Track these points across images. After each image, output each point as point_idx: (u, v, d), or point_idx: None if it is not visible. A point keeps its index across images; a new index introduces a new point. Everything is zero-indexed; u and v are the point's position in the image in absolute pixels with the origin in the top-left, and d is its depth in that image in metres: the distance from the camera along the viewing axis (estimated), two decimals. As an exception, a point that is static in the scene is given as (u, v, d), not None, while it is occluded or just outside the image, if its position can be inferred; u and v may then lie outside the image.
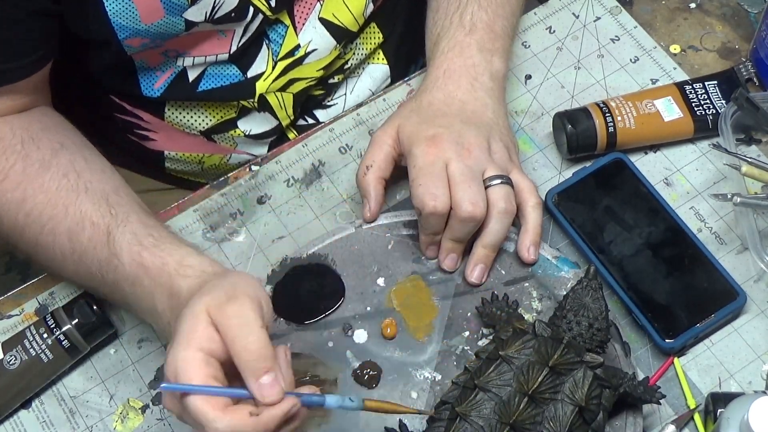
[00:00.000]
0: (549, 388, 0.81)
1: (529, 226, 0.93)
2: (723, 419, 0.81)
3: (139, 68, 1.01)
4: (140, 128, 1.06)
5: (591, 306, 0.85)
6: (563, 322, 0.85)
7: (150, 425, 0.92)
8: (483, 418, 0.81)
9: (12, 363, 0.90)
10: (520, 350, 0.83)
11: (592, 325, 0.85)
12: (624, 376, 0.85)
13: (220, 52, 1.00)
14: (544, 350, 0.82)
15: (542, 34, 1.11)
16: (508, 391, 0.81)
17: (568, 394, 0.81)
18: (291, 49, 1.03)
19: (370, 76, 1.13)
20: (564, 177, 1.01)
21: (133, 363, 0.95)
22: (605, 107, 1.00)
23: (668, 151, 1.03)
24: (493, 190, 0.91)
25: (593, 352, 0.84)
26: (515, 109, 1.06)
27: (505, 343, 0.84)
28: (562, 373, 0.82)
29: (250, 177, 1.03)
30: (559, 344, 0.83)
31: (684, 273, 0.93)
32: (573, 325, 0.85)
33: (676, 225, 0.96)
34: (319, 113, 1.10)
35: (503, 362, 0.82)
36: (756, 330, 0.93)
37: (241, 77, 1.03)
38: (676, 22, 1.11)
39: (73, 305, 0.92)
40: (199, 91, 1.02)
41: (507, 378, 0.82)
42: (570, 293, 0.87)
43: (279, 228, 1.00)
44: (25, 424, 0.92)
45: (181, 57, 1.00)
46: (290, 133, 1.10)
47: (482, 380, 0.82)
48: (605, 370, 0.83)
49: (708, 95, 1.02)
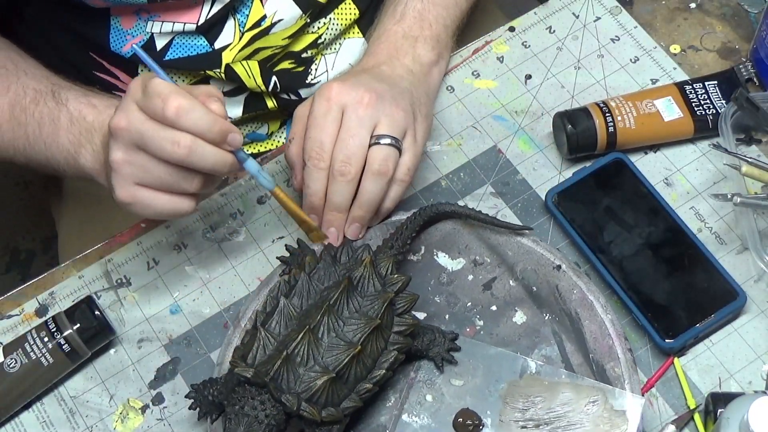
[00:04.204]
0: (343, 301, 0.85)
1: (363, 200, 0.92)
2: (723, 419, 0.81)
3: (113, 26, 1.02)
4: (118, 89, 1.06)
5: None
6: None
7: (150, 425, 0.92)
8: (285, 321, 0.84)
9: (12, 366, 0.90)
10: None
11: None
12: (433, 331, 0.89)
13: (188, 21, 1.00)
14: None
15: (542, 34, 1.11)
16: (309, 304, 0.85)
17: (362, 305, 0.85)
18: (257, 20, 1.03)
19: (348, 51, 1.12)
20: (564, 177, 1.01)
21: (133, 363, 0.95)
22: (605, 107, 1.01)
23: (668, 151, 1.03)
24: (375, 149, 0.90)
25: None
26: (515, 109, 1.06)
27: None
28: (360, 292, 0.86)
29: (250, 177, 1.03)
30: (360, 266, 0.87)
31: (684, 273, 0.93)
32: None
33: (676, 225, 0.96)
34: (304, 92, 1.10)
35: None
36: (756, 330, 0.93)
37: (209, 48, 1.03)
38: (676, 22, 1.11)
39: (75, 310, 0.92)
40: (165, 60, 1.03)
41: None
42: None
43: (279, 228, 1.00)
44: (25, 424, 0.92)
45: (151, 20, 1.00)
46: (270, 101, 1.09)
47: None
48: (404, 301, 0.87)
49: (708, 95, 1.02)
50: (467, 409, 0.88)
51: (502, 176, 1.02)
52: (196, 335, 0.95)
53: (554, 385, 0.88)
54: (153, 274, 0.99)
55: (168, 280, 0.98)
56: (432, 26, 1.02)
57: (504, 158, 1.03)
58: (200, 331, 0.95)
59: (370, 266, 0.86)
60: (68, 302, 0.97)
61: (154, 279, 0.98)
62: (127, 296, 0.98)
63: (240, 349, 0.84)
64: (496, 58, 1.09)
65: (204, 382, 0.86)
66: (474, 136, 1.04)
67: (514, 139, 1.04)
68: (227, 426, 0.81)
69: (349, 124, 0.90)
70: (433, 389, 0.89)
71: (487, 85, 1.08)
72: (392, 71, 0.98)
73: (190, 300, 0.97)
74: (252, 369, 0.81)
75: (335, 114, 0.90)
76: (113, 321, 0.95)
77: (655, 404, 0.90)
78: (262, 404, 0.80)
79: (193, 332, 0.95)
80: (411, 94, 0.96)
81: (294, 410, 0.80)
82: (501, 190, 1.01)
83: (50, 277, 0.99)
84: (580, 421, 0.86)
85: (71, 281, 0.99)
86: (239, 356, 0.83)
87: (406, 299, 0.87)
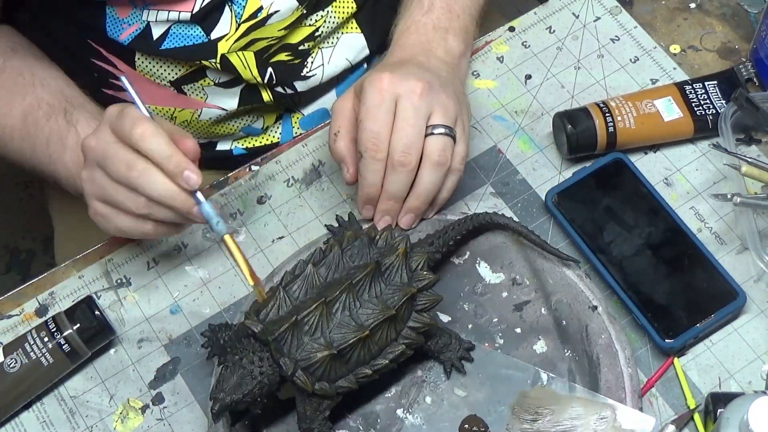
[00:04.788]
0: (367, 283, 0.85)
1: (420, 190, 0.92)
2: (723, 419, 0.81)
3: (109, 15, 1.02)
4: (115, 77, 1.07)
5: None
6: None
7: (150, 425, 0.92)
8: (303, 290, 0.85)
9: (12, 366, 0.90)
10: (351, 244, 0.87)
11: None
12: (448, 334, 0.89)
13: (183, 10, 1.01)
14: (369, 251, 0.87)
15: (542, 34, 1.11)
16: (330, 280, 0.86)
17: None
18: (254, 11, 1.04)
19: (345, 46, 1.12)
20: (564, 177, 1.01)
21: (133, 363, 0.95)
22: (605, 107, 1.00)
23: (668, 151, 1.03)
24: (432, 139, 0.90)
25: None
26: (515, 109, 1.06)
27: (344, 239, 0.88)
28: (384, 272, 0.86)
29: (250, 177, 1.03)
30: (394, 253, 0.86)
31: (684, 273, 0.93)
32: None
33: (676, 225, 0.96)
34: (299, 84, 1.10)
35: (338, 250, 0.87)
36: (756, 330, 0.93)
37: (205, 38, 1.03)
38: (676, 22, 1.11)
39: (75, 310, 0.92)
40: (161, 49, 1.03)
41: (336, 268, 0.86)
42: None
43: (279, 228, 1.00)
44: (25, 424, 0.92)
45: (146, 9, 1.01)
46: (265, 93, 1.09)
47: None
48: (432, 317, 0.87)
49: (708, 95, 1.02)
50: (474, 416, 0.88)
51: (502, 176, 1.02)
52: (196, 335, 0.95)
53: (564, 399, 0.88)
54: (153, 274, 0.99)
55: (168, 280, 0.98)
56: (459, 17, 1.03)
57: (504, 158, 1.03)
58: (200, 331, 0.95)
59: (403, 257, 0.86)
60: (68, 302, 0.97)
61: (154, 279, 0.98)
62: (127, 296, 0.98)
63: (258, 304, 0.85)
64: (496, 58, 1.09)
65: (219, 325, 0.88)
66: (474, 136, 1.04)
67: (514, 139, 1.04)
68: (221, 372, 0.82)
69: (405, 114, 0.90)
70: (434, 393, 0.89)
71: (487, 85, 1.08)
72: (429, 63, 0.98)
73: (190, 300, 0.97)
74: (260, 325, 0.82)
75: (389, 104, 0.90)
76: (113, 321, 0.95)
77: (655, 404, 0.90)
78: (260, 361, 0.82)
79: (193, 332, 0.95)
80: (452, 84, 0.96)
81: (288, 375, 0.81)
82: (501, 190, 1.01)
83: (50, 277, 0.99)
84: None
85: (71, 281, 0.99)
86: (254, 310, 0.84)
87: (429, 298, 0.86)
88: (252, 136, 1.13)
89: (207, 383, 0.91)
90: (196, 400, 0.92)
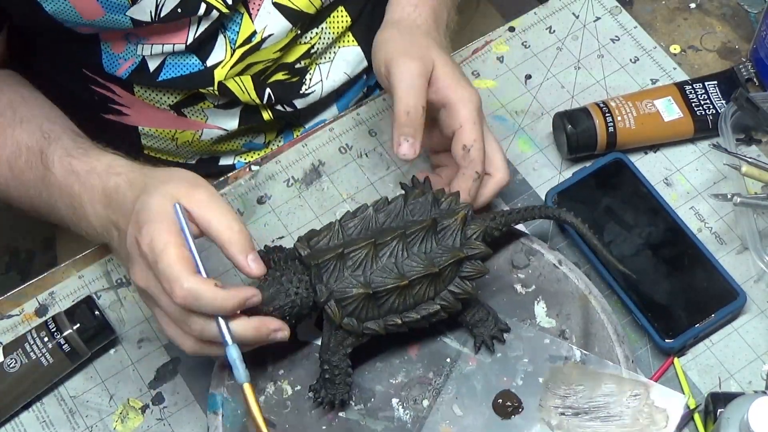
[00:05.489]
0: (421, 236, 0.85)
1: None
2: (723, 419, 0.81)
3: (104, 51, 1.02)
4: (114, 102, 1.06)
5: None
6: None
7: (150, 425, 0.92)
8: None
9: (12, 366, 0.90)
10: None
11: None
12: (487, 311, 0.90)
13: (177, 42, 1.00)
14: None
15: (542, 34, 1.11)
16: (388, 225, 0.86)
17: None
18: (248, 36, 1.03)
19: (343, 60, 1.11)
20: (564, 177, 1.01)
21: (133, 363, 0.95)
22: (605, 107, 1.01)
23: (668, 151, 1.03)
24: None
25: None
26: (515, 109, 1.06)
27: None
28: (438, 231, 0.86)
29: (250, 177, 1.03)
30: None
31: (684, 273, 0.93)
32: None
33: (676, 225, 0.96)
34: (298, 102, 1.10)
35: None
36: (756, 330, 0.93)
37: (201, 66, 1.03)
38: (676, 22, 1.11)
39: (75, 310, 0.92)
40: (159, 80, 1.03)
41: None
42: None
43: (279, 228, 1.00)
44: (25, 424, 0.92)
45: (140, 43, 1.00)
46: (265, 113, 1.09)
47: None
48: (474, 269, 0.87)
49: (708, 95, 1.02)
50: (508, 391, 0.88)
51: (502, 176, 1.02)
52: (196, 335, 0.95)
53: (597, 375, 0.88)
54: (153, 274, 0.99)
55: (168, 280, 0.98)
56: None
57: (504, 158, 1.03)
58: (200, 331, 0.95)
59: (461, 222, 0.87)
60: (68, 302, 0.97)
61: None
62: (127, 296, 0.98)
63: (312, 231, 0.86)
64: (496, 58, 1.09)
65: (275, 247, 0.91)
66: (474, 136, 1.04)
67: (514, 139, 1.04)
68: (260, 283, 0.84)
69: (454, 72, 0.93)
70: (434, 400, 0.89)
71: (487, 85, 1.08)
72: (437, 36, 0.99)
73: (190, 300, 0.97)
74: (308, 249, 0.84)
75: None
76: (113, 321, 0.95)
77: (655, 404, 0.90)
78: (298, 282, 0.84)
79: (193, 332, 0.95)
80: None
81: (321, 302, 0.83)
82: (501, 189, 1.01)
83: (50, 277, 0.99)
84: (620, 413, 0.86)
85: (71, 281, 0.99)
86: (306, 237, 0.86)
87: (476, 268, 0.87)
88: (254, 150, 1.13)
89: (207, 383, 0.91)
90: (196, 400, 0.92)
